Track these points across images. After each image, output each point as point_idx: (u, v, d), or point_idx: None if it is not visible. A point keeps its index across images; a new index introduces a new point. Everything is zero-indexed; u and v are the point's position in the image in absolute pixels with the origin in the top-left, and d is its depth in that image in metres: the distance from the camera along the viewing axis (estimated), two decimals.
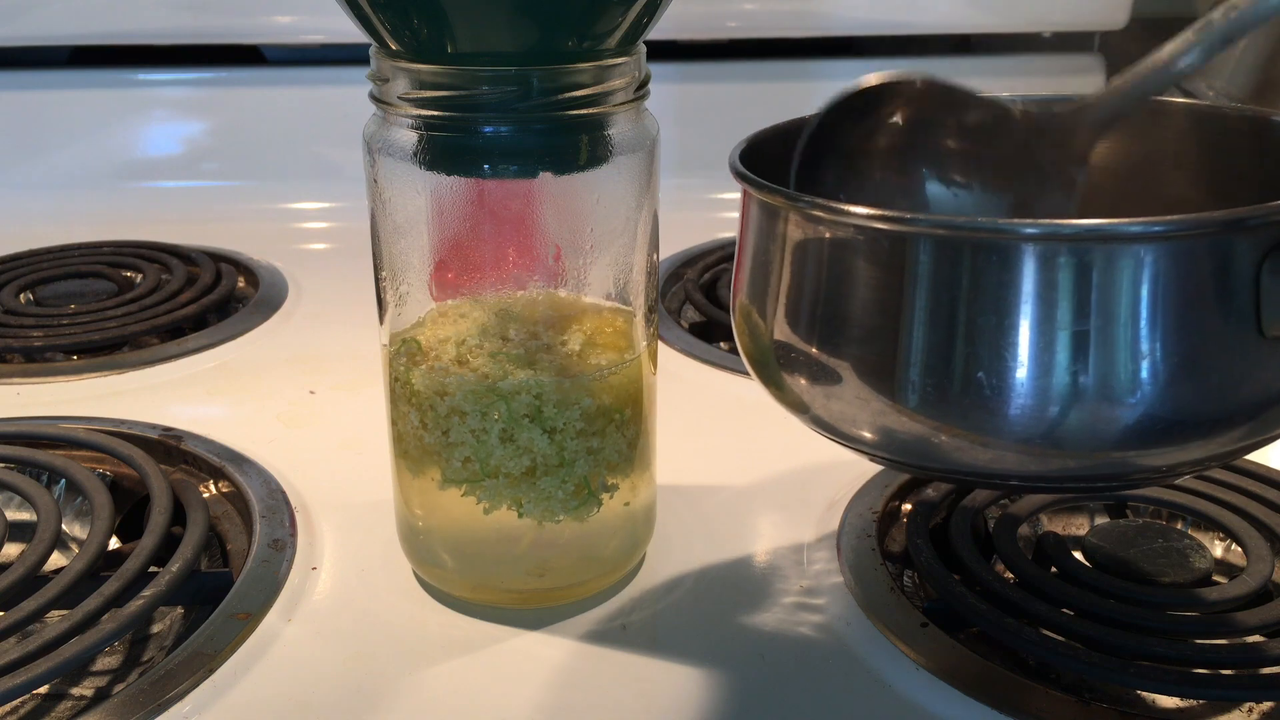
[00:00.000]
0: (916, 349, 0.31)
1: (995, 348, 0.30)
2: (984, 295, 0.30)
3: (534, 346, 0.39)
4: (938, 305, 0.31)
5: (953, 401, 0.31)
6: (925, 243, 0.31)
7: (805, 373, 0.34)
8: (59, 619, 0.40)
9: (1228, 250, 0.29)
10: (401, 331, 0.41)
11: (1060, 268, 0.29)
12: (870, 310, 0.32)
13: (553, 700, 0.38)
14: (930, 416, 0.31)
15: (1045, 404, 0.30)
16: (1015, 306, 0.30)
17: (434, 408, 0.39)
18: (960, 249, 0.30)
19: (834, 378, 0.33)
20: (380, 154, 0.38)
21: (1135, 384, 0.30)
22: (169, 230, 0.82)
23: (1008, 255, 0.30)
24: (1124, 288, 0.29)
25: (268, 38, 0.90)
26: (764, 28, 0.91)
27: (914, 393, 0.31)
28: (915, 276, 0.31)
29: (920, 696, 0.38)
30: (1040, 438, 0.31)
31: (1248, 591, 0.41)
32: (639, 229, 0.40)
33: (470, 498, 0.40)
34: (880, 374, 0.32)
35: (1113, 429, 0.30)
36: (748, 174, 0.35)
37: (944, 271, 0.30)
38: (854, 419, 0.33)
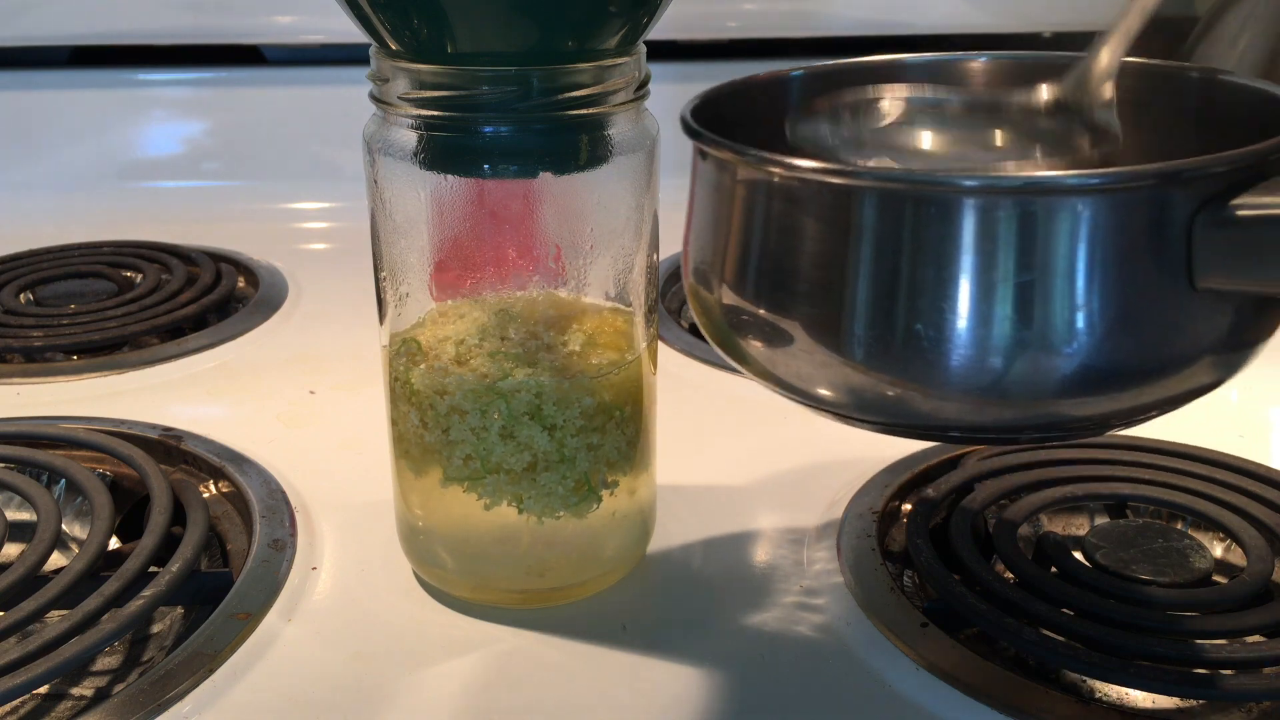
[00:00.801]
0: (861, 302, 0.31)
1: (934, 300, 0.30)
2: (924, 248, 0.30)
3: (534, 346, 0.39)
4: (880, 258, 0.31)
5: (895, 354, 0.31)
6: (868, 195, 0.31)
7: (757, 334, 0.35)
8: (59, 619, 0.40)
9: (1162, 203, 0.30)
10: (402, 332, 0.41)
11: (998, 220, 0.30)
12: (817, 264, 0.32)
13: (553, 700, 0.38)
14: (875, 369, 0.32)
15: (984, 355, 0.30)
16: (954, 259, 0.30)
17: (434, 406, 0.39)
18: (902, 202, 0.31)
19: (784, 333, 0.34)
20: (380, 154, 0.38)
21: (1072, 335, 0.30)
22: (169, 230, 0.82)
23: (947, 208, 0.30)
24: (1061, 240, 0.30)
25: (268, 38, 0.90)
26: (764, 28, 0.91)
27: (859, 346, 0.32)
28: (859, 229, 0.31)
29: (920, 696, 0.38)
30: (979, 389, 0.31)
31: (1248, 591, 0.41)
32: (639, 229, 0.40)
33: (471, 495, 0.40)
34: (827, 328, 0.32)
35: (1050, 380, 0.31)
36: (698, 128, 0.35)
37: (886, 224, 0.31)
38: (803, 373, 0.34)
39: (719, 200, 0.35)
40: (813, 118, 0.40)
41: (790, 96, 0.43)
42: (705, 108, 0.37)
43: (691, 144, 0.36)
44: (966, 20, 0.90)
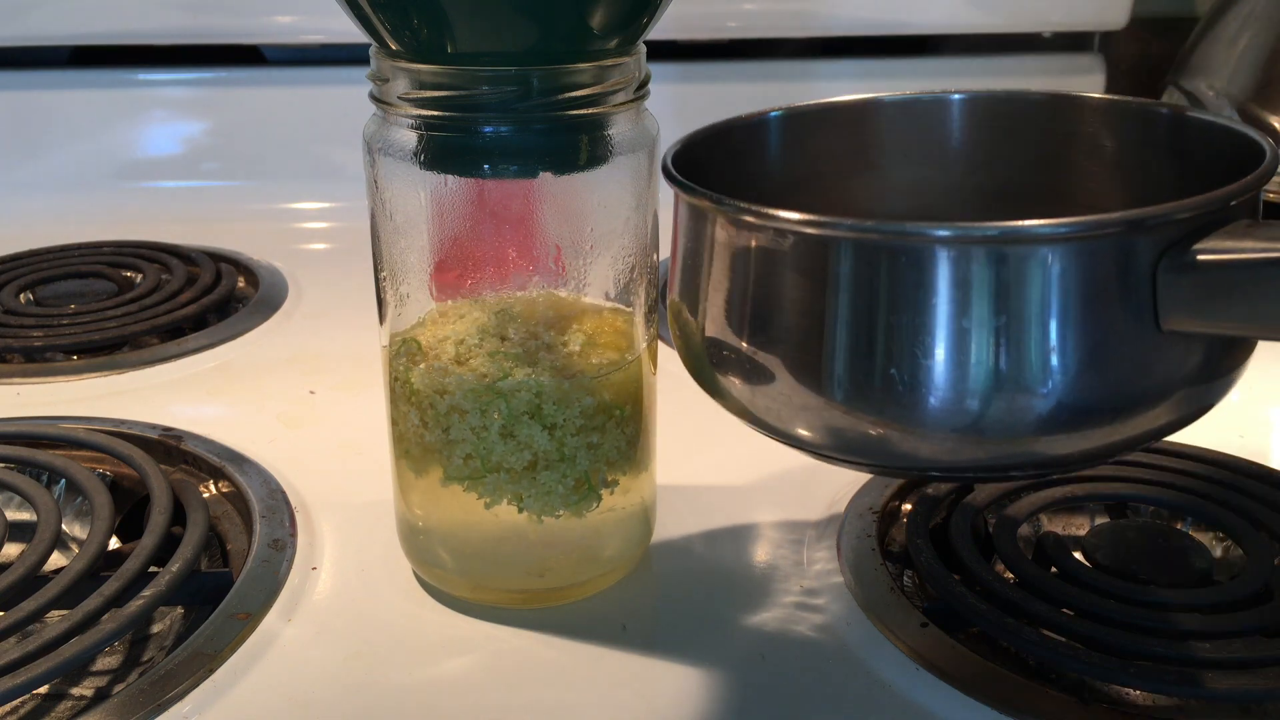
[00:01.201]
0: (840, 348, 0.32)
1: (910, 345, 0.31)
2: (898, 295, 0.31)
3: (533, 346, 0.39)
4: (857, 305, 0.32)
5: (873, 397, 0.32)
6: (843, 245, 0.32)
7: (736, 370, 0.35)
8: (59, 619, 0.40)
9: (1128, 250, 0.31)
10: (402, 332, 0.41)
11: (970, 269, 0.31)
12: (796, 310, 0.33)
13: (553, 700, 0.38)
14: (854, 411, 0.33)
15: (959, 397, 0.31)
16: (928, 306, 0.31)
17: (434, 406, 0.39)
18: (876, 251, 0.31)
19: (765, 375, 0.34)
20: (380, 154, 0.38)
21: (1044, 377, 0.31)
22: (169, 230, 0.82)
23: (919, 257, 0.31)
24: (1031, 286, 0.30)
25: (268, 38, 0.90)
26: (764, 28, 0.91)
27: (839, 388, 0.33)
28: (835, 277, 0.32)
29: (920, 696, 0.38)
30: (955, 429, 0.32)
31: (1248, 591, 0.41)
32: (639, 229, 0.40)
33: (471, 495, 0.40)
34: (807, 371, 0.33)
35: (1024, 420, 0.31)
36: (676, 176, 0.36)
37: (861, 273, 0.32)
38: (783, 414, 0.35)
39: (699, 244, 0.36)
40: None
41: (770, 137, 0.43)
42: (686, 151, 0.38)
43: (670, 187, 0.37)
44: (966, 20, 0.90)
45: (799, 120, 0.44)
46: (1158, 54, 0.91)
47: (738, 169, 0.41)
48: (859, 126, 0.45)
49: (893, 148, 0.45)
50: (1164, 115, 0.41)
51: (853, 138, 0.45)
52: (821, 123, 0.44)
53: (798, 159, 0.44)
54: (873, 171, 0.45)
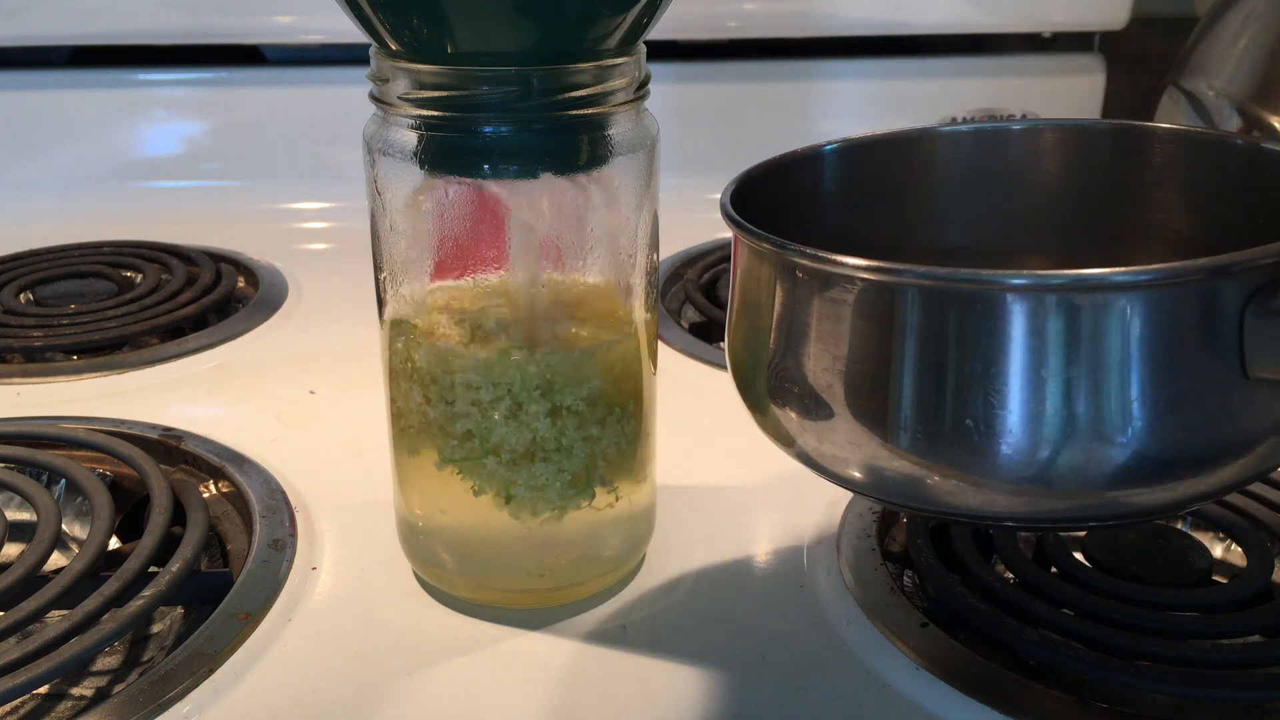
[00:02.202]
0: (907, 395, 0.31)
1: (983, 395, 0.30)
2: (970, 344, 0.30)
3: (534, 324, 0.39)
4: (926, 352, 0.31)
5: (943, 447, 0.31)
6: (911, 292, 0.31)
7: (798, 412, 0.34)
8: (59, 619, 0.40)
9: (1212, 295, 0.30)
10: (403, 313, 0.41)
11: (1046, 317, 0.30)
12: (861, 356, 0.32)
13: (553, 700, 0.38)
14: (922, 460, 0.32)
15: (1034, 449, 0.30)
16: (1002, 355, 0.30)
17: (436, 380, 0.39)
18: (946, 299, 0.30)
19: (827, 418, 0.33)
20: (380, 154, 0.38)
21: (1123, 428, 0.30)
22: (169, 230, 0.82)
23: (993, 305, 0.30)
24: (1110, 335, 0.29)
25: (268, 38, 0.90)
26: (764, 28, 0.91)
27: (906, 436, 0.32)
28: (903, 325, 0.31)
29: (920, 696, 0.38)
30: (1030, 481, 0.31)
31: (1248, 591, 0.41)
32: (639, 229, 0.40)
33: (467, 485, 0.40)
34: (872, 418, 0.32)
35: (1101, 472, 0.30)
36: (739, 220, 0.35)
37: (931, 320, 0.31)
38: (847, 460, 0.34)
39: (760, 285, 0.35)
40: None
41: (826, 170, 0.43)
42: (742, 188, 0.37)
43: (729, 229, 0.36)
44: (966, 20, 0.90)
45: (855, 152, 0.43)
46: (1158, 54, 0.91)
47: (794, 204, 0.40)
48: (917, 158, 0.44)
49: (952, 179, 0.44)
50: (1238, 147, 0.40)
51: (911, 169, 0.44)
52: (878, 154, 0.43)
53: (855, 192, 0.43)
54: (932, 204, 0.44)
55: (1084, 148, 0.42)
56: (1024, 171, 0.43)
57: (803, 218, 0.38)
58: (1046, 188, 0.43)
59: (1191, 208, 0.40)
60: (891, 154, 0.44)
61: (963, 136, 0.44)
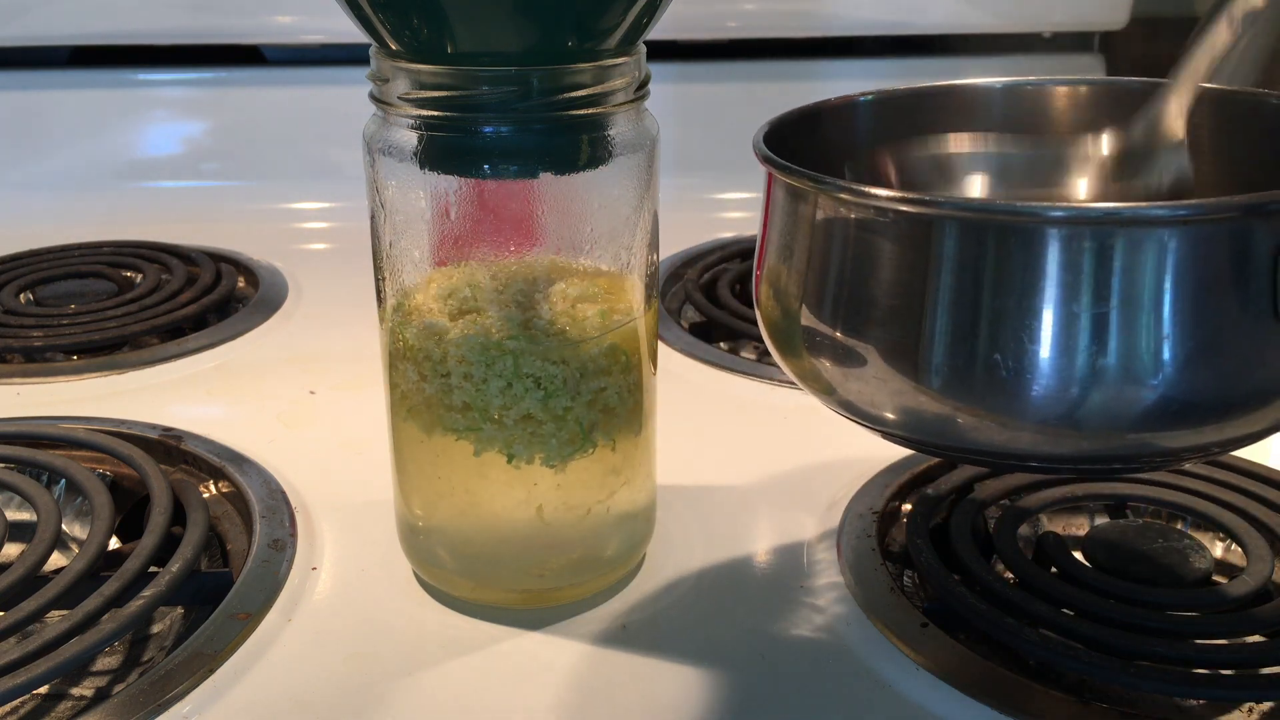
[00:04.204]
0: (940, 331, 0.31)
1: (1016, 330, 0.30)
2: (1006, 278, 0.30)
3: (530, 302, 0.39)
4: (960, 287, 0.31)
5: (974, 383, 0.31)
6: (949, 225, 0.31)
7: (830, 354, 0.34)
8: (59, 619, 0.40)
9: (1247, 235, 0.29)
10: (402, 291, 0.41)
11: (1083, 251, 0.29)
12: (895, 292, 0.32)
13: (552, 700, 0.38)
14: (952, 397, 0.32)
15: (1064, 386, 0.30)
16: (1037, 289, 0.30)
17: (430, 357, 0.39)
18: (984, 231, 0.30)
19: (858, 359, 0.33)
20: (380, 154, 0.38)
21: (1153, 367, 0.30)
22: (169, 230, 0.82)
23: (1031, 238, 0.30)
24: (1145, 271, 0.29)
25: (268, 38, 0.90)
26: (764, 28, 0.91)
27: (936, 374, 0.31)
28: (939, 258, 0.31)
29: (920, 696, 0.38)
30: (1058, 419, 0.31)
31: (1248, 591, 0.41)
32: (639, 229, 0.40)
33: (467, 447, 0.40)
34: (904, 355, 0.32)
35: (1129, 411, 0.30)
36: (773, 156, 0.35)
37: (967, 254, 0.30)
38: (877, 400, 0.34)
39: (794, 226, 0.35)
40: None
41: (859, 121, 0.43)
42: (775, 132, 0.37)
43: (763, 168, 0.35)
44: (967, 20, 0.90)
45: (888, 104, 0.43)
46: (1158, 54, 0.91)
47: (824, 152, 0.40)
48: (950, 113, 0.44)
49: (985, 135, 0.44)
50: (1273, 105, 0.39)
51: (943, 124, 0.43)
52: (911, 107, 0.43)
53: (886, 144, 0.43)
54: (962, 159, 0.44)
55: (1116, 105, 0.42)
56: (1055, 129, 0.43)
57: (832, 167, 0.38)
58: (1078, 146, 0.43)
59: (1223, 168, 0.40)
60: (924, 107, 0.43)
61: (995, 92, 0.43)
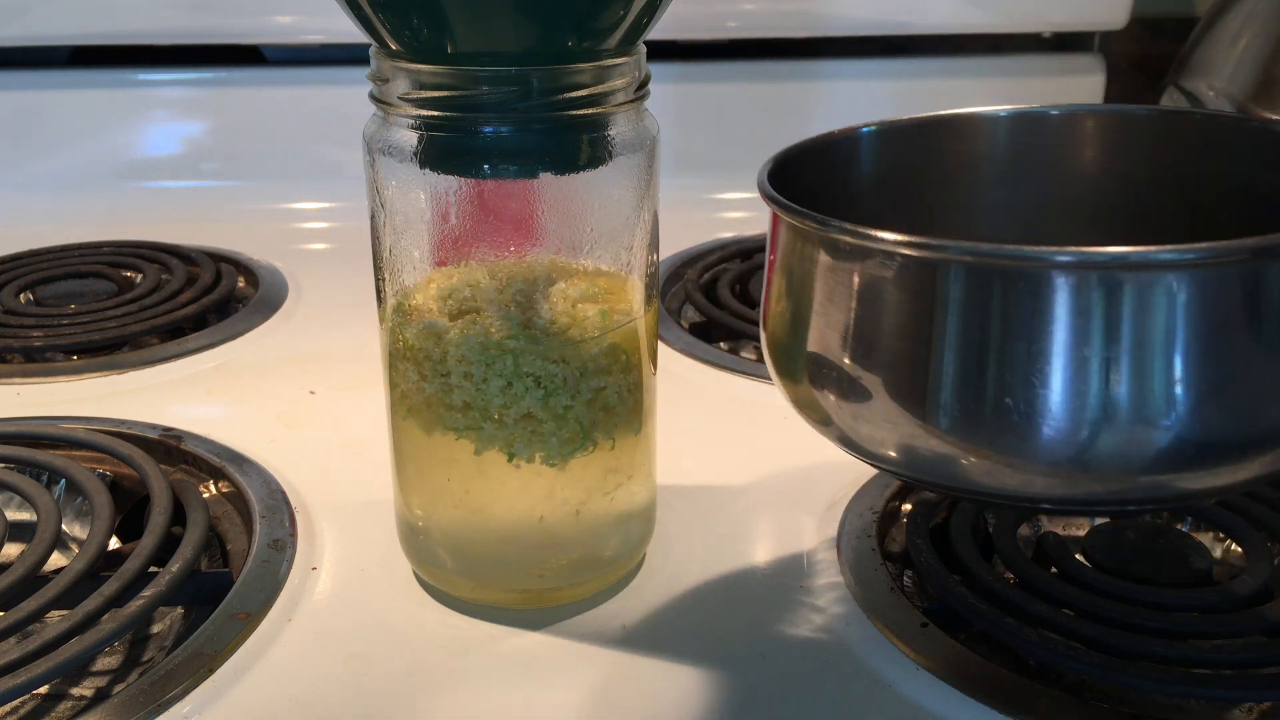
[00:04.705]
0: (948, 373, 0.31)
1: (1026, 373, 0.30)
2: (1014, 322, 0.30)
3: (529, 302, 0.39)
4: (967, 330, 0.30)
5: (984, 426, 0.31)
6: (955, 269, 0.30)
7: (836, 392, 0.34)
8: (59, 619, 0.40)
9: (1258, 277, 0.29)
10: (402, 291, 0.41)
11: (1090, 295, 0.29)
12: (901, 333, 0.32)
13: (552, 700, 0.38)
14: (961, 440, 0.31)
15: (1076, 430, 0.30)
16: (1046, 333, 0.30)
17: (430, 357, 0.39)
18: (990, 276, 0.30)
19: (865, 398, 0.33)
20: (380, 154, 0.38)
21: (1166, 409, 0.30)
22: (169, 230, 0.82)
23: (1038, 283, 0.29)
24: (1155, 315, 0.29)
25: (268, 38, 0.90)
26: (764, 28, 0.91)
27: (945, 415, 0.31)
28: (945, 302, 0.31)
29: (920, 696, 0.38)
30: (1070, 462, 0.30)
31: (1248, 592, 0.41)
32: (639, 229, 0.40)
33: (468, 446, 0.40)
34: (911, 396, 0.32)
35: (1143, 454, 0.30)
36: (777, 197, 0.34)
37: (974, 298, 0.30)
38: (884, 440, 0.33)
39: (800, 264, 0.35)
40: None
41: (863, 153, 0.42)
42: (779, 167, 0.37)
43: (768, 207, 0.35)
44: (967, 20, 0.90)
45: (892, 135, 0.42)
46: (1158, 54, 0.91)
47: (829, 186, 0.40)
48: (954, 142, 0.43)
49: (989, 164, 0.43)
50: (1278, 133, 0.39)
51: (948, 154, 0.43)
52: (915, 138, 0.43)
53: (891, 176, 0.43)
54: (968, 189, 0.44)
55: (1123, 133, 0.42)
56: (1062, 157, 0.43)
57: (837, 201, 0.38)
58: (1084, 174, 0.42)
59: (1232, 195, 0.40)
60: (928, 138, 0.43)
61: (1000, 121, 0.43)
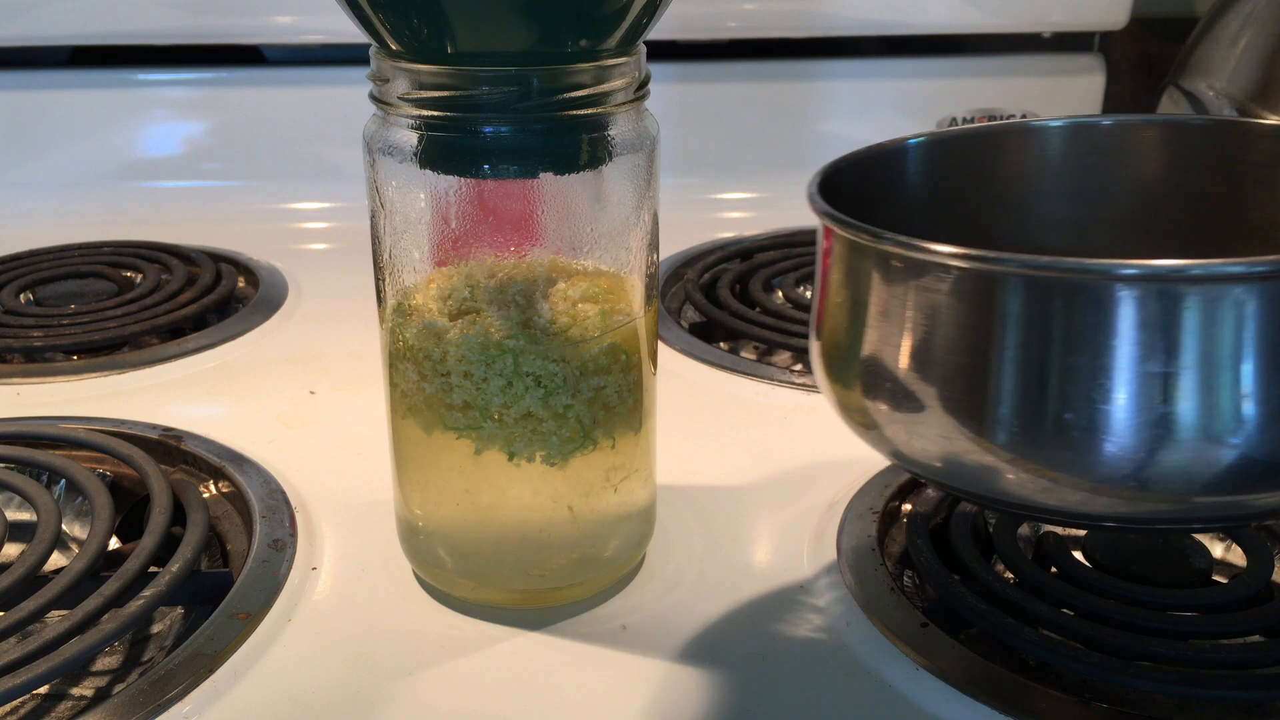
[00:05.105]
0: (1006, 389, 0.30)
1: (1087, 389, 0.29)
2: (1075, 336, 0.29)
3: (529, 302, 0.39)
4: (1027, 345, 0.30)
5: (1043, 442, 0.30)
6: (1014, 282, 0.30)
7: (889, 403, 0.33)
8: (59, 619, 0.40)
9: None
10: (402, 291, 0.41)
11: (1156, 309, 0.28)
12: (958, 348, 0.31)
13: (552, 700, 0.38)
14: (1019, 456, 0.31)
15: (1139, 447, 0.29)
16: (1108, 348, 0.29)
17: (429, 356, 0.39)
18: (1050, 289, 0.29)
19: (919, 410, 0.32)
20: (380, 154, 0.38)
21: (1233, 426, 0.29)
22: (169, 230, 0.82)
23: (1100, 296, 0.29)
24: (1222, 329, 0.28)
25: (268, 38, 0.90)
26: (764, 28, 0.91)
27: (1003, 431, 0.30)
28: (1004, 316, 0.30)
29: (920, 696, 0.38)
30: (1132, 481, 0.30)
31: (1248, 591, 0.41)
32: (639, 229, 0.40)
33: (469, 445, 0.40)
34: (968, 411, 0.31)
35: (1209, 473, 0.29)
36: (829, 210, 0.34)
37: (1034, 312, 0.30)
38: (937, 453, 0.33)
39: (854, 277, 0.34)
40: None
41: (910, 165, 0.42)
42: (828, 180, 0.36)
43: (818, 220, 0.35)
44: (966, 20, 0.90)
45: (941, 147, 0.42)
46: (1158, 54, 0.91)
47: (878, 199, 0.39)
48: (1005, 154, 0.43)
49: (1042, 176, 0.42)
50: None
51: (999, 165, 0.42)
52: (965, 149, 0.42)
53: (941, 188, 0.42)
54: (1021, 201, 0.43)
55: (1179, 145, 0.41)
56: (1117, 169, 0.42)
57: (887, 213, 0.37)
58: (1140, 186, 0.41)
59: None
60: (979, 149, 0.42)
61: (1052, 132, 0.42)
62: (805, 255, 0.77)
